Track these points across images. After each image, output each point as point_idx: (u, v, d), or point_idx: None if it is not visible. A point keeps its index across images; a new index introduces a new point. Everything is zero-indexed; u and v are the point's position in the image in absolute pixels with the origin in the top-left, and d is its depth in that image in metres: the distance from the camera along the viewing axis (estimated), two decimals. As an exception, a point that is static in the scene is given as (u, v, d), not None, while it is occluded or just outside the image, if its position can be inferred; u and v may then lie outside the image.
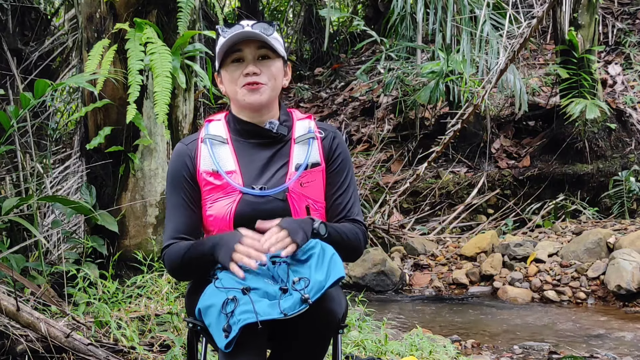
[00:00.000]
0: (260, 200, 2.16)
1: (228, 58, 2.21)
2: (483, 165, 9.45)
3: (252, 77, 2.18)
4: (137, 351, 3.30)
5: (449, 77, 8.38)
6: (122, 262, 4.22)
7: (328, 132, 2.29)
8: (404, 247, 7.78)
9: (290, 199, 2.17)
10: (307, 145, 2.24)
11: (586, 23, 8.80)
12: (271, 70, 2.21)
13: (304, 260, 2.01)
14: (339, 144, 2.29)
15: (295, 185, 2.19)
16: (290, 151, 2.24)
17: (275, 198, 2.16)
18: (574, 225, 7.78)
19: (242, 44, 2.19)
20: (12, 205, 3.86)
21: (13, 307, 3.14)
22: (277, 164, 2.22)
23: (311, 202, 2.21)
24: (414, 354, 3.86)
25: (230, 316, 1.87)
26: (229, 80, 2.23)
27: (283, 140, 2.25)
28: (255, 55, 2.20)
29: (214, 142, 2.25)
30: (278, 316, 1.86)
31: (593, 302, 6.26)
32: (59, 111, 6.30)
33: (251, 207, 2.15)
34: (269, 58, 2.22)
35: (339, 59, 13.51)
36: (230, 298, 1.90)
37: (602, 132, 8.74)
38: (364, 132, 10.81)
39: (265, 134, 2.24)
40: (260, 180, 2.19)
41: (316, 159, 2.24)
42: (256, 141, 2.25)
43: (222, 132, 2.28)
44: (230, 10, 14.01)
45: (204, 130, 2.31)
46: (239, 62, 2.21)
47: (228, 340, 1.86)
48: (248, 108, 2.23)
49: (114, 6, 4.24)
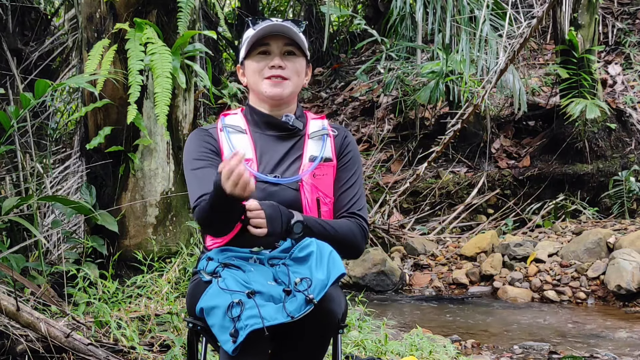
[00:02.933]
0: (274, 188, 2.20)
1: (255, 50, 2.27)
2: (483, 165, 9.45)
3: (278, 70, 2.25)
4: (137, 351, 3.31)
5: (449, 77, 8.38)
6: (122, 262, 4.22)
7: (340, 131, 2.37)
8: (404, 247, 7.78)
9: (302, 190, 2.22)
10: (321, 141, 2.31)
11: (586, 23, 8.79)
12: (295, 66, 2.28)
13: (303, 259, 2.01)
14: (350, 142, 2.36)
15: (308, 177, 2.24)
16: (304, 145, 2.30)
17: (288, 187, 2.20)
18: (574, 225, 7.78)
19: (271, 38, 2.25)
20: (12, 205, 3.86)
21: (13, 307, 3.14)
22: (292, 157, 2.28)
23: (322, 194, 2.25)
24: (414, 354, 3.86)
25: (236, 321, 1.88)
26: (253, 70, 2.28)
27: (298, 135, 2.32)
28: (282, 49, 2.27)
29: (232, 132, 2.30)
30: (285, 320, 1.88)
31: (593, 302, 6.26)
32: (59, 111, 6.30)
33: (264, 194, 2.18)
34: (294, 54, 2.29)
35: (339, 59, 13.51)
36: (235, 301, 1.90)
37: (602, 132, 8.74)
38: (364, 132, 10.81)
39: (283, 126, 2.30)
40: (276, 172, 2.25)
41: (329, 154, 2.30)
42: (273, 133, 2.31)
43: (240, 122, 2.34)
44: (230, 10, 14.01)
45: (220, 122, 2.36)
46: (265, 54, 2.27)
47: (235, 345, 1.87)
48: (269, 100, 2.28)
49: (114, 6, 4.24)
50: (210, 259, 2.16)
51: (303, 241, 2.06)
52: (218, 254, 2.17)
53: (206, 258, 2.19)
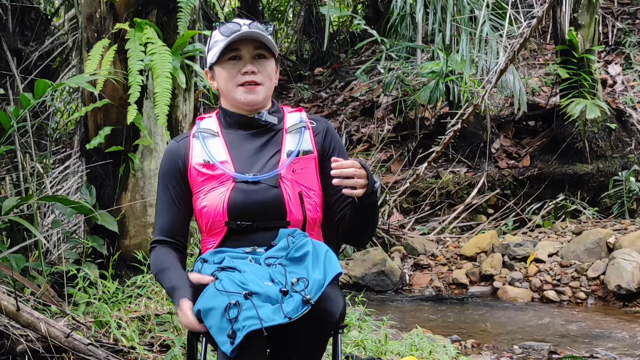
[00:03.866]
0: (254, 187, 2.19)
1: (225, 55, 2.24)
2: (483, 165, 9.45)
3: (251, 75, 2.23)
4: (137, 351, 3.30)
5: (449, 77, 8.38)
6: (122, 262, 4.22)
7: (320, 124, 2.34)
8: (404, 247, 7.78)
9: (283, 186, 2.20)
10: (299, 134, 2.28)
11: (586, 23, 8.79)
12: (267, 69, 2.27)
13: (299, 259, 2.01)
14: (332, 136, 2.33)
15: (287, 172, 2.22)
16: (282, 140, 2.28)
17: (268, 185, 2.19)
18: (574, 225, 7.77)
19: (240, 43, 2.23)
20: (12, 205, 3.86)
21: (13, 307, 3.14)
22: (269, 153, 2.26)
23: (304, 188, 2.23)
24: (414, 354, 3.86)
25: (234, 322, 1.88)
26: (225, 77, 2.26)
27: (274, 130, 2.29)
28: (252, 54, 2.25)
29: (205, 135, 2.30)
30: (282, 321, 1.87)
31: (593, 302, 6.26)
32: (59, 111, 6.30)
33: (244, 195, 2.18)
34: (264, 57, 2.27)
35: (339, 59, 13.51)
36: (232, 303, 1.90)
37: (602, 132, 8.73)
38: (364, 132, 10.81)
39: (255, 123, 2.28)
40: (253, 169, 2.23)
41: (308, 146, 2.27)
42: (247, 132, 2.29)
43: (213, 125, 2.33)
44: (230, 10, 14.01)
45: (195, 127, 2.36)
46: (236, 60, 2.25)
47: (233, 346, 1.87)
48: (243, 107, 2.27)
49: (114, 6, 4.24)
50: (205, 261, 2.16)
51: (299, 241, 2.05)
52: (212, 255, 2.17)
53: (200, 260, 2.19)
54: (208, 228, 2.23)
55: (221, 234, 2.22)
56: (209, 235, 2.26)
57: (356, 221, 2.20)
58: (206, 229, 2.25)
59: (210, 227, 2.22)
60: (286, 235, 2.11)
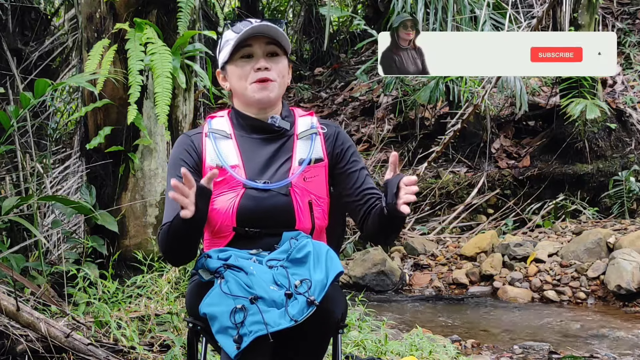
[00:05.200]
0: (264, 194, 2.17)
1: (237, 53, 2.21)
2: (483, 165, 9.45)
3: (264, 72, 2.19)
4: (137, 351, 3.30)
5: (449, 77, 8.37)
6: (122, 262, 4.22)
7: (331, 129, 2.30)
8: (404, 247, 7.78)
9: (293, 194, 2.18)
10: (310, 141, 2.25)
11: (586, 23, 8.79)
12: (279, 67, 2.23)
13: (301, 261, 2.01)
14: (344, 140, 2.30)
15: (298, 180, 2.19)
16: (294, 146, 2.24)
17: (278, 193, 2.17)
18: (574, 225, 7.77)
19: (252, 40, 2.20)
20: (12, 205, 3.86)
21: (13, 307, 3.14)
22: (281, 159, 2.23)
23: (314, 197, 2.21)
24: (414, 354, 3.86)
25: (240, 326, 1.87)
26: (238, 75, 2.23)
27: (286, 136, 2.26)
28: (264, 51, 2.21)
29: (217, 137, 2.25)
30: (289, 324, 1.87)
31: (593, 302, 6.26)
32: (59, 111, 6.30)
33: (254, 202, 2.16)
34: (277, 55, 2.24)
35: (339, 59, 13.51)
36: (238, 307, 1.89)
37: (602, 132, 8.73)
38: (364, 132, 10.81)
39: (268, 128, 2.24)
40: (264, 176, 2.20)
41: (319, 154, 2.25)
42: (259, 136, 2.25)
43: (225, 127, 2.29)
44: (230, 10, 14.01)
45: (206, 125, 2.31)
46: (248, 57, 2.21)
47: (240, 351, 1.87)
48: (256, 104, 2.23)
49: (114, 6, 4.24)
50: (209, 257, 2.13)
51: (300, 242, 2.05)
52: (217, 252, 2.15)
53: (205, 256, 2.16)
54: (215, 230, 2.22)
55: (228, 238, 2.20)
56: (215, 238, 2.24)
57: (384, 226, 2.16)
58: (212, 231, 2.23)
59: (217, 230, 2.21)
60: (289, 238, 2.11)
